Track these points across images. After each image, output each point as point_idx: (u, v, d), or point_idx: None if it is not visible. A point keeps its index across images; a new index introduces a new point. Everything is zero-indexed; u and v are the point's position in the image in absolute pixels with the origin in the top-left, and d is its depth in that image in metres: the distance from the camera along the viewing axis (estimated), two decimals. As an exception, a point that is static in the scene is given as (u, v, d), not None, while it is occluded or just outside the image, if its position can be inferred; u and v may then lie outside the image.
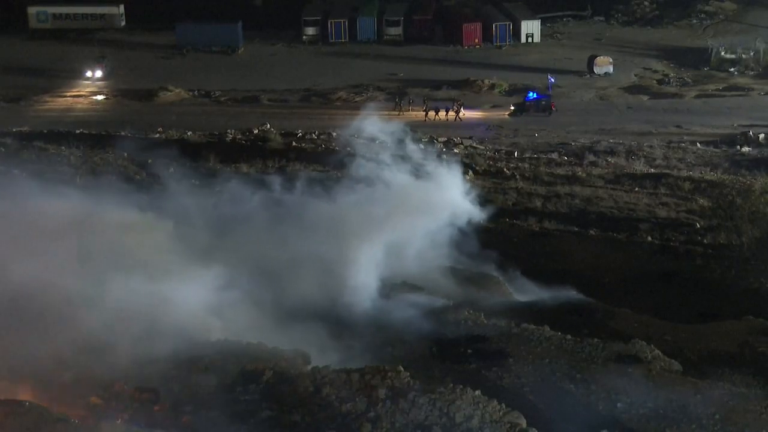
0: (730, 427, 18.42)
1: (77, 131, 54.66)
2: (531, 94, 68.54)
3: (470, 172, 45.74)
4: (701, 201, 40.81)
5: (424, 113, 64.64)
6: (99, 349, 19.08)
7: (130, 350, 19.26)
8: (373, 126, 39.06)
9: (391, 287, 25.70)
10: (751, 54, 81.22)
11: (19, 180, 29.32)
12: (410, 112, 65.48)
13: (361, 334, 22.55)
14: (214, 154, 46.61)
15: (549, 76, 72.06)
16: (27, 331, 19.24)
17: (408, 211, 27.60)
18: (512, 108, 67.07)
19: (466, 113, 65.40)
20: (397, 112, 64.71)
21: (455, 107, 65.27)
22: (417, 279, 26.72)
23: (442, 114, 64.62)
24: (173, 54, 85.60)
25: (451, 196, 30.02)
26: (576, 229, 36.29)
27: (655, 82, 78.10)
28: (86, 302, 20.06)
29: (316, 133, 57.15)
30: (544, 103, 67.00)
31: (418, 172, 31.45)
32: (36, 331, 19.21)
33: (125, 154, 45.63)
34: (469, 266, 29.03)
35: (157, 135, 55.31)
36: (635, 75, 79.74)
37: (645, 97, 73.50)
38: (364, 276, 24.95)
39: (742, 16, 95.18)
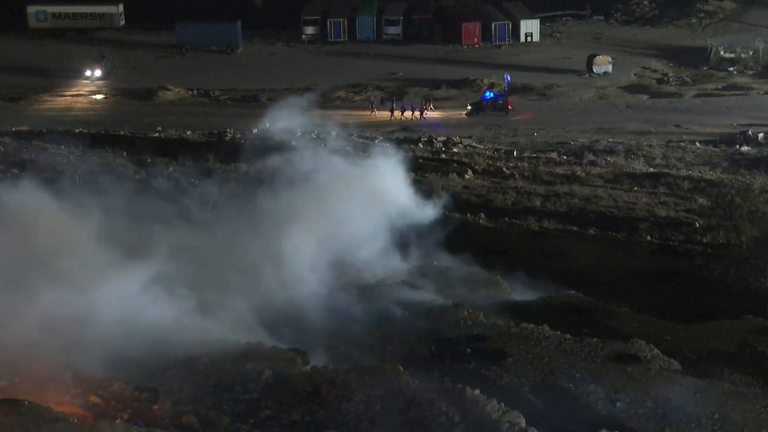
0: (729, 426, 18.41)
1: (77, 130, 54.59)
2: (488, 93, 69.55)
3: (469, 171, 45.85)
4: (700, 200, 40.83)
5: (390, 113, 66.17)
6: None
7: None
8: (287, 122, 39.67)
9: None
10: (751, 53, 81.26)
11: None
12: (383, 113, 66.88)
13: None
14: (213, 153, 46.61)
15: (505, 76, 72.33)
16: None
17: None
18: (469, 108, 67.68)
19: (427, 113, 66.60)
20: (369, 112, 67.03)
21: (424, 107, 66.62)
22: (413, 278, 26.72)
23: (408, 113, 66.02)
24: (173, 53, 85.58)
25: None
26: (575, 228, 36.27)
27: (654, 81, 78.12)
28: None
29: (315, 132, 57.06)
30: (500, 102, 67.79)
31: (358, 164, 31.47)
32: None
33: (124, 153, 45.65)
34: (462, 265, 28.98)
35: (156, 134, 55.28)
36: (634, 74, 79.74)
37: (644, 97, 73.52)
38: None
39: (741, 15, 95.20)
